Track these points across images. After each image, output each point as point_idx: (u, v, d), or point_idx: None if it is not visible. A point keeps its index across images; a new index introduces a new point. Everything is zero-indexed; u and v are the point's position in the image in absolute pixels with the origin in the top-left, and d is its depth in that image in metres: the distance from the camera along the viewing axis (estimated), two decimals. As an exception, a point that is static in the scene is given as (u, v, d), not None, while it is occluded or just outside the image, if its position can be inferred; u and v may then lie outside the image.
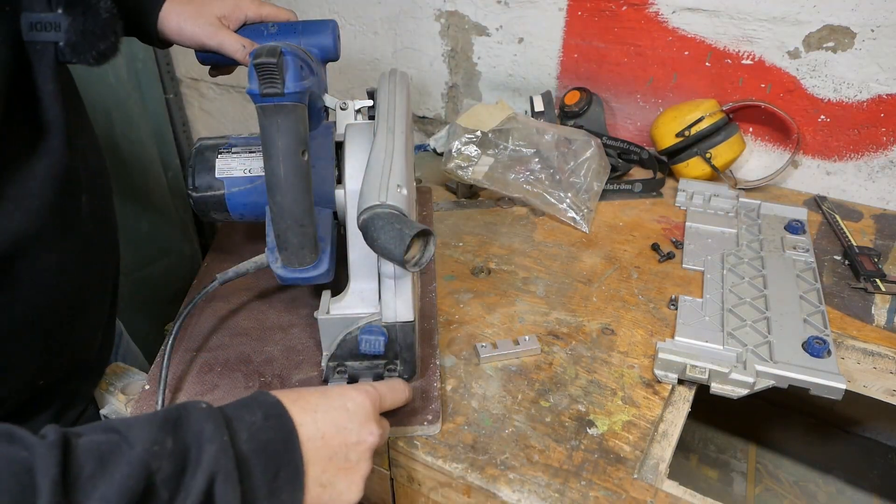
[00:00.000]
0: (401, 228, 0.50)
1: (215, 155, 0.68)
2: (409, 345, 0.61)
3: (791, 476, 1.21)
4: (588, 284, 0.82)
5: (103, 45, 0.50)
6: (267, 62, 0.50)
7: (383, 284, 0.59)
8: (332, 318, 0.61)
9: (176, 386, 0.66)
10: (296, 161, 0.55)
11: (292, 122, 0.53)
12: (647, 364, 0.69)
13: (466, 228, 0.94)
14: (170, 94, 1.70)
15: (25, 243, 0.48)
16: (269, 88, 0.51)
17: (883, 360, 0.70)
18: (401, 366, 0.62)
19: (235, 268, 0.66)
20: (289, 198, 0.56)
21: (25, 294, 0.50)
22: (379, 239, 0.50)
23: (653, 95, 1.11)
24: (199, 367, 0.68)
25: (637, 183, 1.02)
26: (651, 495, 0.55)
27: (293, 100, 0.53)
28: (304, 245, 0.59)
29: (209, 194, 0.67)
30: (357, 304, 0.62)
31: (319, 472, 0.45)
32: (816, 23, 0.93)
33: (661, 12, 1.03)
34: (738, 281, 0.79)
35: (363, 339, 0.59)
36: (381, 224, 0.50)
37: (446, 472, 0.58)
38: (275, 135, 0.53)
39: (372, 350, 0.58)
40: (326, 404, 0.47)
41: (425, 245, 0.53)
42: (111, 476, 0.35)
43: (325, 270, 0.62)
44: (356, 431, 0.48)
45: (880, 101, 0.93)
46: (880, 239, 0.90)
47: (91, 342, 0.64)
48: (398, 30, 1.31)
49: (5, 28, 0.45)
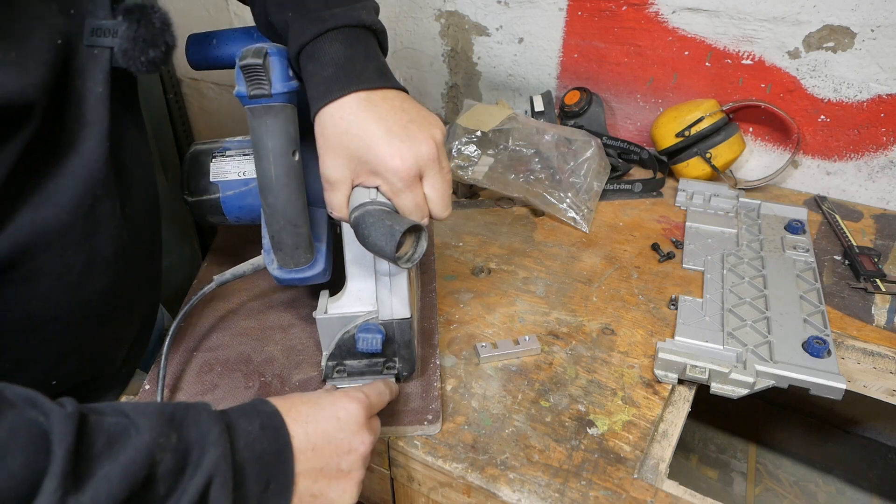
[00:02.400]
0: (391, 224, 0.49)
1: (209, 159, 0.68)
2: (407, 342, 0.61)
3: (791, 476, 1.21)
4: (588, 284, 0.82)
5: (153, 53, 0.51)
6: (253, 63, 0.50)
7: (379, 282, 0.59)
8: (331, 318, 0.61)
9: (175, 385, 0.66)
10: (286, 161, 0.54)
11: (281, 122, 0.53)
12: (647, 364, 0.69)
13: (466, 228, 0.94)
14: (170, 94, 1.70)
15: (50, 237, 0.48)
16: (256, 90, 0.51)
17: (883, 360, 0.70)
18: (399, 363, 0.62)
19: (232, 270, 0.66)
20: (281, 198, 0.56)
21: (46, 289, 0.50)
22: (370, 236, 0.50)
23: (653, 95, 1.11)
24: (198, 367, 0.68)
25: (637, 183, 1.02)
26: (651, 495, 0.55)
27: (281, 100, 0.52)
28: (299, 245, 0.59)
29: (205, 198, 0.67)
30: (355, 303, 0.62)
31: (311, 483, 0.46)
32: (816, 23, 0.93)
33: (661, 12, 1.03)
34: (738, 281, 0.79)
35: (360, 338, 0.59)
36: (372, 221, 0.50)
37: (446, 471, 0.58)
38: (264, 136, 0.53)
39: (369, 348, 0.59)
40: (317, 415, 0.48)
41: (417, 240, 0.53)
42: (117, 457, 0.35)
43: (320, 270, 0.62)
44: (347, 441, 0.48)
45: (880, 101, 0.93)
46: (880, 239, 0.90)
47: (114, 354, 0.64)
48: (398, 30, 1.31)
49: (67, 30, 0.47)
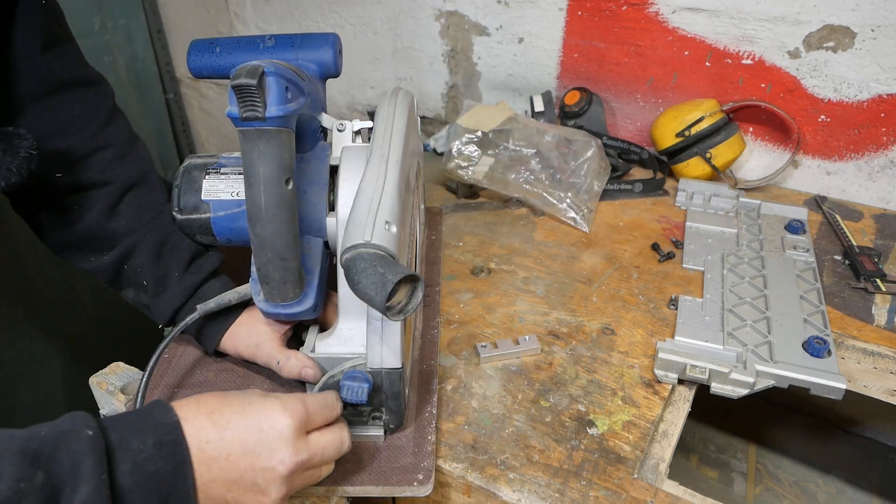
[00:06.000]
0: (384, 273, 0.45)
1: (203, 175, 0.64)
2: (396, 393, 0.56)
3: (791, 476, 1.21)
4: (588, 284, 0.82)
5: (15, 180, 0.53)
6: (246, 84, 0.46)
7: (369, 326, 0.54)
8: (317, 358, 0.58)
9: None
10: (278, 190, 0.51)
11: (275, 148, 0.50)
12: (647, 364, 0.69)
13: (466, 228, 0.94)
14: (170, 94, 1.70)
15: None
16: (249, 112, 0.48)
17: (883, 360, 0.70)
18: (387, 415, 0.58)
19: (217, 298, 0.62)
20: (269, 229, 0.52)
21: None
22: (360, 283, 0.46)
23: (653, 95, 1.11)
24: None
25: (637, 183, 1.02)
26: (651, 495, 0.55)
27: (276, 124, 0.49)
28: (287, 280, 0.55)
29: (194, 217, 0.64)
30: (344, 344, 0.58)
31: (224, 491, 0.44)
32: (817, 22, 0.93)
33: (662, 12, 1.03)
34: (738, 281, 0.79)
35: (345, 386, 0.54)
36: (364, 266, 0.46)
37: (446, 472, 0.58)
38: (256, 162, 0.50)
39: (354, 399, 0.54)
40: (239, 422, 0.45)
41: (413, 291, 0.48)
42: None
43: (309, 307, 0.58)
44: (265, 457, 0.45)
45: (880, 100, 0.93)
46: (880, 239, 0.90)
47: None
48: (398, 30, 1.31)
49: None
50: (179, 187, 0.65)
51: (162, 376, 0.67)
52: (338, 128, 0.65)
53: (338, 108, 1.52)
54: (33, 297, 1.28)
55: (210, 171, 0.65)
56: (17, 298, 1.25)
